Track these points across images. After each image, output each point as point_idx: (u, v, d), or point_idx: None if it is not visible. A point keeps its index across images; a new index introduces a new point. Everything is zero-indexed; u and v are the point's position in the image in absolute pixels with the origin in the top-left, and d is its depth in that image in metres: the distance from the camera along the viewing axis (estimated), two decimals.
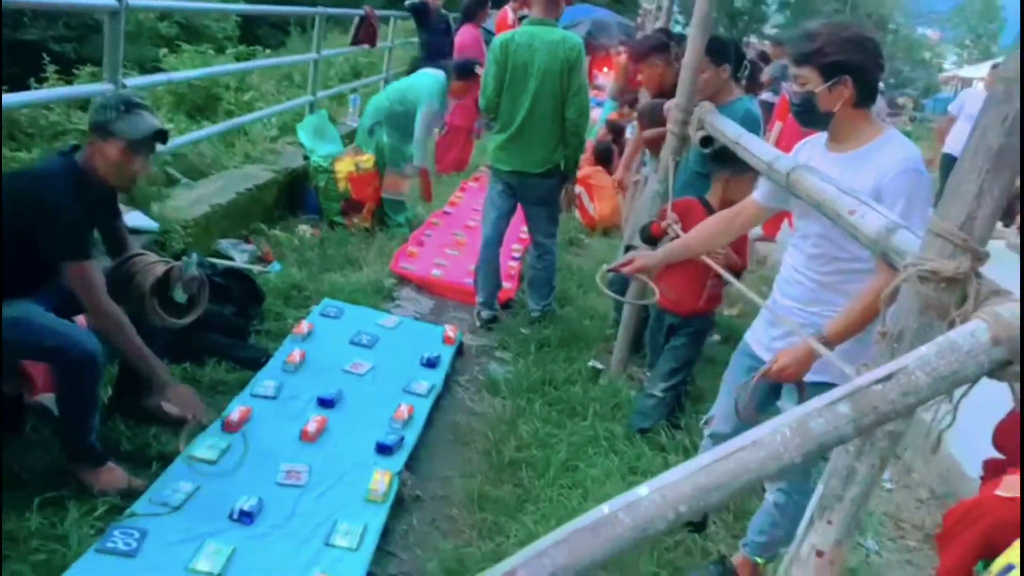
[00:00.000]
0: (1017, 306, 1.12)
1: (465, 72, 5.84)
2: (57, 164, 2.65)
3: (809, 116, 2.30)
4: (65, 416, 2.62)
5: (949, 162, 7.97)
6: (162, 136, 2.73)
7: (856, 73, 2.19)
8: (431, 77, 5.78)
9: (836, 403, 1.12)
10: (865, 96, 2.24)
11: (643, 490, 1.13)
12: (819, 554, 1.43)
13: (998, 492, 2.50)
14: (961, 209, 1.26)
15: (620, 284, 4.15)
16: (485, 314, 4.71)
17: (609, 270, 2.96)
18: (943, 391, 1.13)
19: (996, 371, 1.13)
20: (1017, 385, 1.13)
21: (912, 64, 40.52)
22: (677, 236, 3.28)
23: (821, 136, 2.41)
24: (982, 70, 23.66)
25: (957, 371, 1.11)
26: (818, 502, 1.45)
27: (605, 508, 1.14)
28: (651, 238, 3.78)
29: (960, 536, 2.51)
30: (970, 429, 2.99)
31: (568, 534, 1.13)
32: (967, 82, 24.81)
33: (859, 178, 2.09)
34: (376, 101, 6.09)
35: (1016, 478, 2.51)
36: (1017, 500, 2.41)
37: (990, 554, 2.37)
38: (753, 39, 29.05)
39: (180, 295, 2.83)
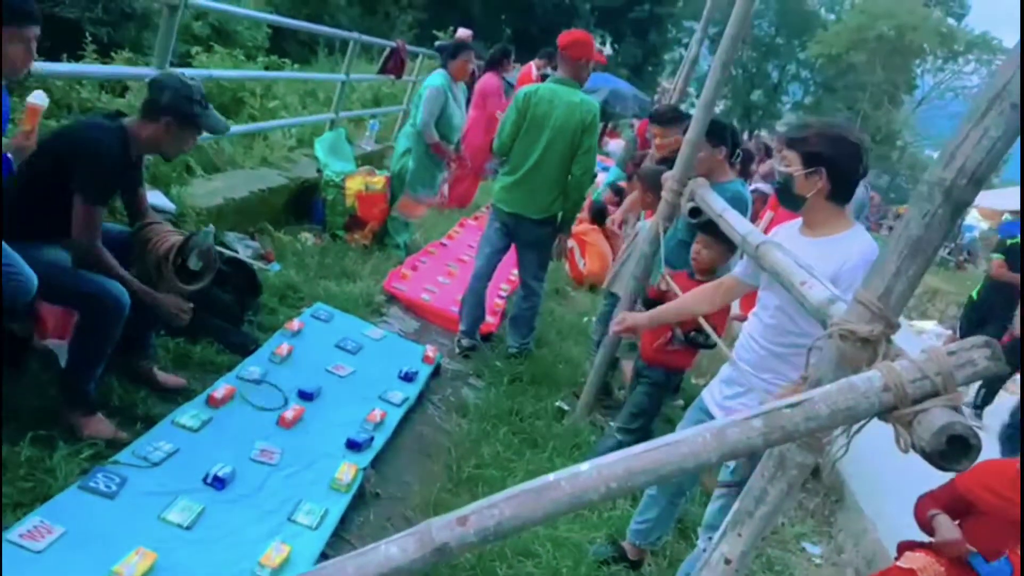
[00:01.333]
0: (909, 363, 1.37)
1: (457, 50, 6.26)
2: (108, 123, 2.92)
3: (785, 195, 2.59)
4: (74, 360, 2.83)
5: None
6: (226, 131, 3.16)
7: (831, 168, 2.45)
8: (433, 75, 6.22)
9: (751, 419, 1.37)
10: (839, 191, 2.50)
11: (584, 466, 1.37)
12: (727, 562, 1.66)
13: (898, 564, 2.74)
14: (881, 283, 1.52)
15: (602, 334, 4.44)
16: (465, 342, 4.94)
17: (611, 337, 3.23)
18: (839, 422, 1.37)
19: (884, 413, 1.37)
20: (901, 428, 1.37)
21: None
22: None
23: (799, 221, 2.68)
24: (980, 199, 24.32)
25: (852, 407, 1.36)
26: (732, 517, 1.68)
27: (551, 476, 1.37)
28: (649, 303, 4.06)
29: None
30: (900, 518, 3.24)
31: (518, 492, 1.36)
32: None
33: (823, 262, 2.33)
34: (403, 134, 6.46)
35: (917, 554, 2.74)
36: (913, 572, 2.64)
37: None
38: (764, 132, 29.83)
39: (195, 262, 3.06)
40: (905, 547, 2.96)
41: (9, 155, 2.88)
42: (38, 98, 3.00)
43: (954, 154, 1.44)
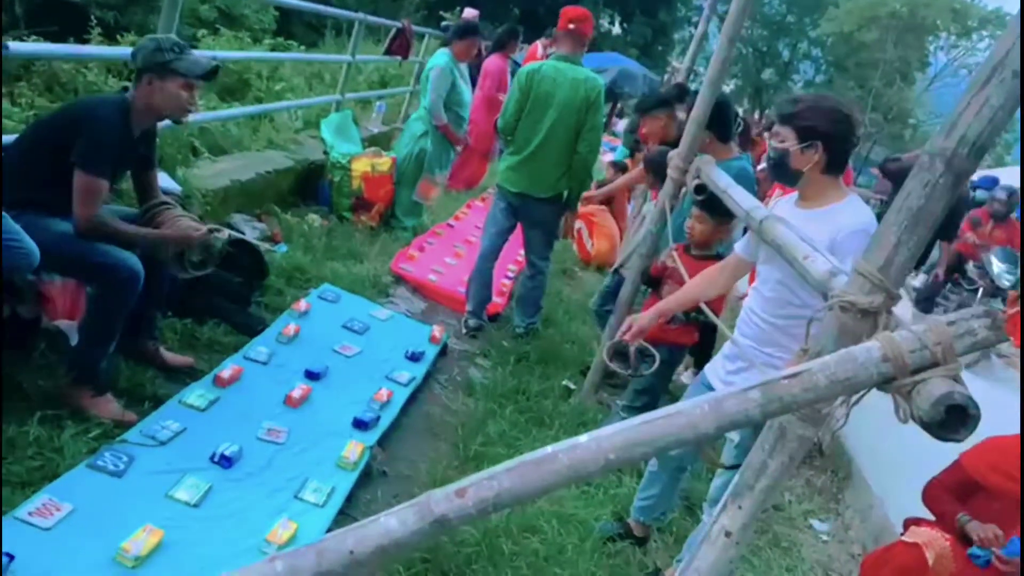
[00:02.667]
0: (908, 334, 1.37)
1: (465, 32, 6.24)
2: (110, 96, 2.99)
3: (780, 171, 2.57)
4: (87, 335, 2.85)
5: None
6: (216, 71, 3.06)
7: (827, 141, 2.45)
8: (436, 54, 6.24)
9: (749, 390, 1.36)
10: (834, 164, 2.50)
11: (583, 438, 1.37)
12: (727, 535, 1.66)
13: (902, 538, 2.73)
14: (881, 255, 1.51)
15: (605, 317, 4.44)
16: (472, 322, 4.95)
17: (612, 345, 3.20)
18: (838, 393, 1.37)
19: (883, 384, 1.37)
20: (900, 399, 1.37)
21: None
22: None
23: (795, 195, 2.67)
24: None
25: (851, 378, 1.35)
26: (732, 490, 1.68)
27: (550, 448, 1.37)
28: (651, 280, 4.05)
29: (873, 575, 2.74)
30: (908, 495, 3.24)
31: (517, 464, 1.37)
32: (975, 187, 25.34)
33: (819, 232, 2.33)
34: (416, 118, 6.43)
35: (922, 529, 2.74)
36: (918, 545, 2.64)
37: None
38: (774, 111, 29.61)
39: (195, 257, 3.07)
40: (911, 523, 2.95)
41: None
42: None
43: (955, 123, 1.42)
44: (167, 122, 3.12)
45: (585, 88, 4.51)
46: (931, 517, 2.89)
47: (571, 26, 4.59)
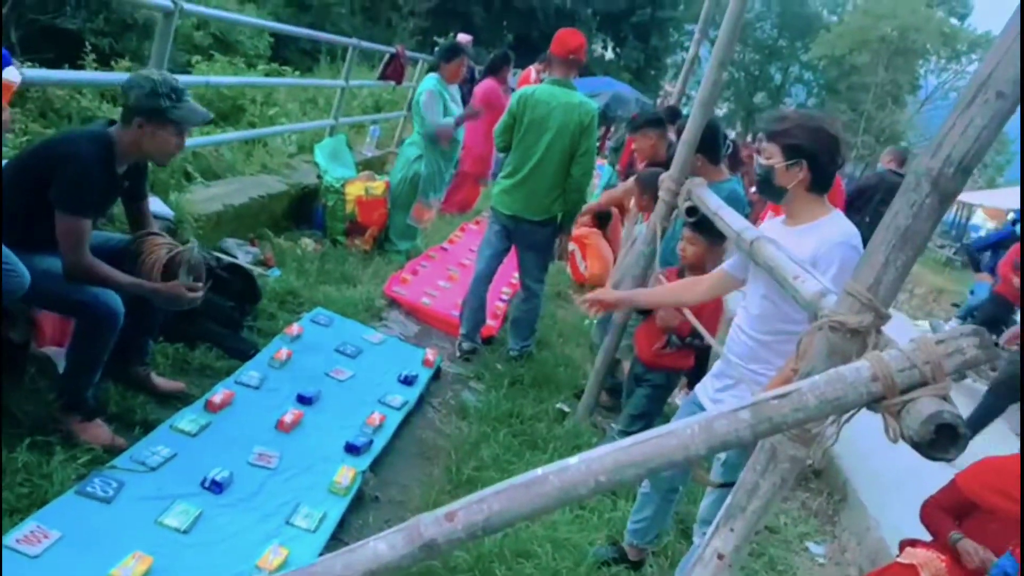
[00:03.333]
0: (897, 353, 1.36)
1: (451, 53, 6.25)
2: (90, 130, 2.90)
3: (766, 187, 2.60)
4: (72, 366, 2.83)
5: None
6: (210, 121, 3.06)
7: (812, 160, 2.47)
8: (426, 79, 6.22)
9: (739, 410, 1.36)
10: (819, 182, 2.52)
11: (572, 460, 1.36)
12: (720, 557, 1.65)
13: (898, 560, 2.72)
14: (870, 274, 1.52)
15: (602, 338, 4.45)
16: (466, 345, 4.93)
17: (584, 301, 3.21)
18: (828, 413, 1.37)
19: (873, 403, 1.36)
20: (890, 418, 1.36)
21: None
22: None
23: (783, 216, 2.68)
24: (984, 198, 24.35)
25: (840, 397, 1.35)
26: (724, 512, 1.67)
27: (539, 470, 1.36)
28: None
29: None
30: (904, 517, 3.23)
31: (506, 487, 1.36)
32: (970, 208, 25.47)
33: (804, 247, 2.35)
34: (410, 142, 6.39)
35: (918, 550, 2.73)
36: (914, 567, 2.62)
37: None
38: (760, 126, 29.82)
39: (184, 277, 3.03)
40: (907, 545, 2.94)
41: None
42: (11, 75, 2.88)
43: (941, 143, 1.43)
44: None
45: (579, 113, 4.54)
46: (928, 538, 2.88)
47: (571, 56, 4.63)
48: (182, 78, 5.73)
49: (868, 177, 9.59)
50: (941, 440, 1.28)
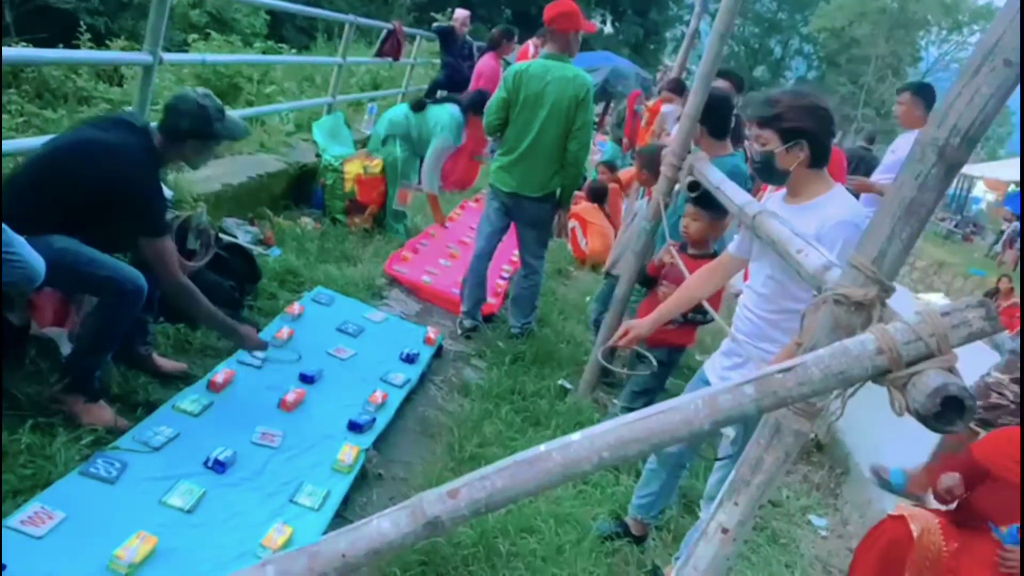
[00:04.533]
0: (903, 326, 1.35)
1: (481, 106, 6.10)
2: (140, 146, 2.88)
3: (767, 173, 2.57)
4: (86, 345, 2.82)
5: None
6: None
7: (811, 138, 2.45)
8: (450, 113, 6.06)
9: (743, 385, 1.35)
10: (818, 158, 2.50)
11: (575, 436, 1.35)
12: (724, 531, 1.65)
13: (889, 513, 2.73)
14: (875, 247, 1.50)
15: (599, 313, 4.42)
16: (467, 323, 4.93)
17: (610, 346, 3.22)
18: (833, 387, 1.36)
19: (878, 377, 1.35)
20: (895, 391, 1.35)
21: None
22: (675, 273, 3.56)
23: (783, 192, 2.66)
24: (985, 170, 24.28)
25: (845, 371, 1.34)
26: (728, 486, 1.67)
27: (542, 447, 1.35)
28: (647, 279, 4.04)
29: (864, 556, 2.75)
30: None
31: (509, 464, 1.35)
32: (970, 180, 25.39)
33: (807, 225, 2.33)
34: (394, 116, 6.27)
35: (913, 508, 2.74)
36: (904, 517, 2.64)
37: (891, 570, 2.61)
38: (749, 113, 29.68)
39: (192, 240, 3.09)
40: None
41: None
42: None
43: (947, 113, 1.41)
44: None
45: (574, 86, 4.48)
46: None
47: (556, 27, 4.56)
48: (178, 56, 5.73)
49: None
50: (947, 412, 1.27)
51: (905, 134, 5.47)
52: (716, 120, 4.02)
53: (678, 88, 6.01)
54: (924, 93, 5.41)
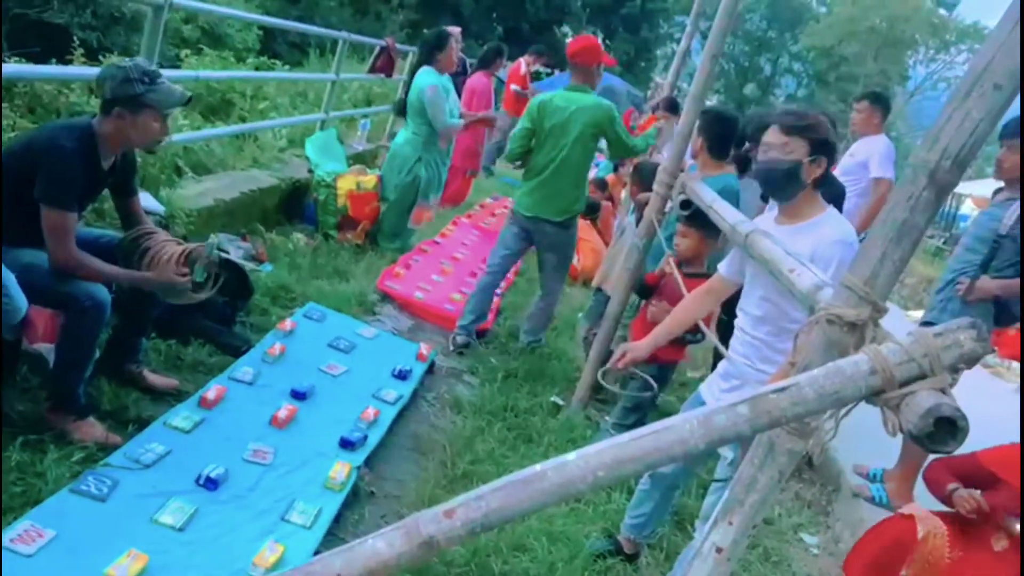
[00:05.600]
0: (896, 346, 1.36)
1: (441, 41, 6.06)
2: (71, 123, 2.88)
3: (784, 182, 2.53)
4: (61, 362, 2.81)
5: None
6: (189, 100, 3.00)
7: (831, 156, 2.49)
8: (421, 74, 5.98)
9: (737, 405, 1.36)
10: (824, 178, 2.53)
11: (571, 456, 1.36)
12: (719, 550, 1.65)
13: (899, 511, 2.73)
14: (867, 267, 1.51)
15: (588, 331, 4.43)
16: (460, 339, 4.94)
17: (605, 371, 3.24)
18: (827, 407, 1.37)
19: (871, 397, 1.36)
20: (889, 411, 1.36)
21: None
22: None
23: (772, 213, 2.68)
24: (974, 188, 24.41)
25: (839, 391, 1.35)
26: (722, 506, 1.67)
27: (538, 466, 1.36)
28: (644, 288, 4.06)
29: (866, 546, 2.75)
30: None
31: (504, 483, 1.35)
32: (959, 197, 25.53)
33: (801, 245, 2.34)
34: (406, 142, 6.10)
35: (922, 510, 2.74)
36: (912, 517, 2.64)
37: (890, 563, 2.61)
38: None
39: (200, 273, 3.03)
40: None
41: None
42: None
43: (938, 136, 1.42)
44: None
45: (598, 113, 4.66)
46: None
47: (575, 60, 4.77)
48: (171, 72, 5.72)
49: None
50: (940, 433, 1.28)
51: (863, 139, 5.85)
52: (715, 135, 4.08)
53: (673, 107, 6.04)
54: (881, 101, 5.88)
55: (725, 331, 3.94)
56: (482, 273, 5.23)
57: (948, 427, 1.28)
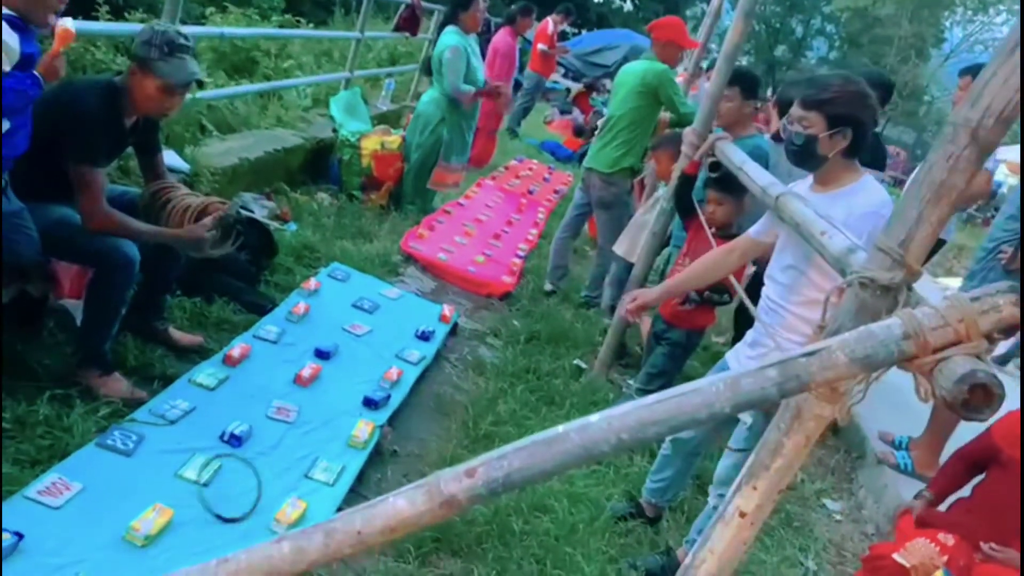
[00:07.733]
0: (930, 311, 1.32)
1: (465, 1, 5.94)
2: (96, 80, 2.88)
3: (805, 156, 2.49)
4: (89, 318, 2.83)
5: None
6: (198, 84, 2.98)
7: (856, 127, 2.40)
8: (446, 34, 5.93)
9: (766, 368, 1.33)
10: (856, 147, 2.45)
11: (594, 417, 1.34)
12: (742, 515, 1.64)
13: (895, 556, 2.60)
14: (902, 230, 1.47)
15: (612, 293, 4.40)
16: (547, 286, 5.52)
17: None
18: (857, 371, 1.33)
19: (904, 362, 1.33)
20: (921, 377, 1.33)
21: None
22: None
23: (808, 179, 2.61)
24: (1008, 153, 23.88)
25: (871, 355, 1.31)
26: (747, 470, 1.65)
27: (560, 428, 1.34)
28: (686, 179, 4.03)
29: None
30: None
31: (528, 443, 1.34)
32: (993, 162, 24.99)
33: (834, 212, 2.27)
34: (430, 100, 6.04)
35: (919, 542, 2.64)
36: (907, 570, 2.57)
37: None
38: (792, 92, 29.33)
39: (215, 236, 3.03)
40: (904, 515, 2.92)
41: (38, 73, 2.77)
42: (67, 23, 2.84)
43: (981, 93, 1.37)
44: None
45: (644, 75, 4.92)
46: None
47: (652, 33, 5.12)
48: (196, 29, 5.69)
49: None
50: (975, 400, 1.24)
51: None
52: (749, 86, 4.03)
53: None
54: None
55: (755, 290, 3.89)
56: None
57: (983, 394, 1.24)
